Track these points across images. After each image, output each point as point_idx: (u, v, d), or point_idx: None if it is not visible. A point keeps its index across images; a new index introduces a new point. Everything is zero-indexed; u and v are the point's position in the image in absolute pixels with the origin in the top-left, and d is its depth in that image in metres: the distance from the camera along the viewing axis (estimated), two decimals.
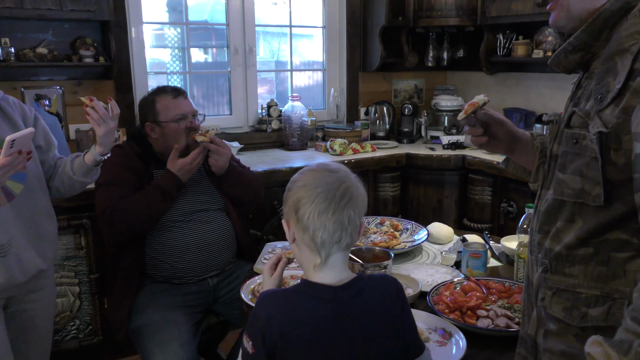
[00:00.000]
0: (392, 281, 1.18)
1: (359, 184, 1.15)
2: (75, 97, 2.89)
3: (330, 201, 1.07)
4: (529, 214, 1.80)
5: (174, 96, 2.10)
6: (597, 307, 0.99)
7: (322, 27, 3.72)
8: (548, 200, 1.08)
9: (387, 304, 1.14)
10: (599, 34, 1.00)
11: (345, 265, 1.15)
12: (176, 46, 3.35)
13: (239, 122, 3.48)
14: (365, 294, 1.13)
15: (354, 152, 3.24)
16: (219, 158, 2.08)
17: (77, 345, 2.53)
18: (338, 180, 1.10)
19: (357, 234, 1.14)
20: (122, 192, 2.00)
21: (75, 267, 2.47)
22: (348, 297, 1.11)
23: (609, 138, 0.93)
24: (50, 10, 2.50)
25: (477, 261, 1.80)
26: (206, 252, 2.10)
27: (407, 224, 2.25)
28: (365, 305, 1.12)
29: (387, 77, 3.89)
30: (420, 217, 3.21)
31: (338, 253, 1.12)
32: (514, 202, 2.95)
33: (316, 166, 1.16)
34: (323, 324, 1.08)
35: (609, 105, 0.94)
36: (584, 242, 1.00)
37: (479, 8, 3.36)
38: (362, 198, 1.13)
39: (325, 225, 1.07)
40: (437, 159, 3.23)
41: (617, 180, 0.94)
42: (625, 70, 0.92)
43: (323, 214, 1.07)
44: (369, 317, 1.12)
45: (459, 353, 1.33)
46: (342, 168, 1.16)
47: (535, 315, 1.13)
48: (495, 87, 3.73)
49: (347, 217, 1.08)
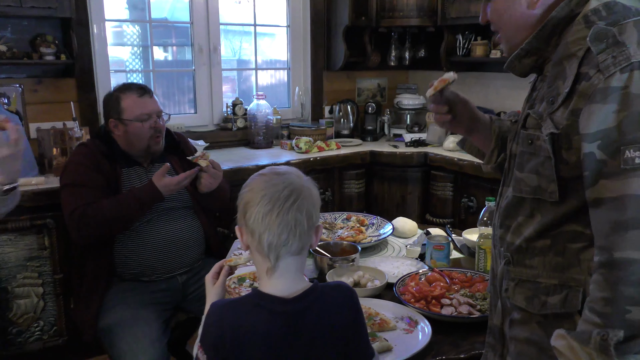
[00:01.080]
0: (346, 290, 1.15)
1: (311, 185, 1.12)
2: (36, 95, 2.84)
3: (275, 203, 1.05)
4: (488, 207, 1.88)
5: (139, 94, 2.08)
6: (555, 295, 1.05)
7: (286, 26, 3.75)
8: (508, 197, 1.15)
9: (340, 316, 1.11)
10: (549, 39, 1.07)
11: (298, 273, 1.11)
12: (136, 44, 3.32)
13: (204, 121, 3.47)
14: (318, 306, 1.10)
15: (319, 150, 3.28)
16: (213, 181, 2.12)
17: (41, 346, 2.48)
18: (283, 182, 1.08)
19: (309, 237, 1.10)
20: (90, 195, 1.97)
21: (39, 267, 2.43)
22: (300, 309, 1.08)
23: (560, 138, 1.01)
24: (10, 7, 2.44)
25: (441, 253, 1.87)
26: (175, 250, 2.11)
27: (373, 219, 2.31)
28: (318, 317, 1.09)
29: (350, 76, 3.95)
30: (385, 212, 3.27)
31: (289, 258, 1.08)
32: (474, 197, 3.05)
33: (265, 170, 1.14)
34: (274, 337, 1.06)
35: (559, 108, 1.01)
36: (541, 235, 1.08)
37: (439, 9, 3.45)
38: (312, 200, 1.10)
39: (269, 228, 1.05)
40: (400, 156, 3.31)
41: (569, 177, 1.01)
42: (572, 74, 0.98)
43: (267, 216, 1.05)
44: (322, 330, 1.09)
45: (425, 339, 1.39)
46: (291, 170, 1.13)
47: (500, 306, 1.20)
48: (455, 86, 3.82)
49: (292, 218, 1.05)
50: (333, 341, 1.10)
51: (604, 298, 0.91)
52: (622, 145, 0.90)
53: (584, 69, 0.97)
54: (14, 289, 2.39)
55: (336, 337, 1.10)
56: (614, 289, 0.90)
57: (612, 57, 0.92)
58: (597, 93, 0.93)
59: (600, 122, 0.92)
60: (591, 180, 0.94)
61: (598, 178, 0.93)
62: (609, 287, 0.91)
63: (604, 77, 0.93)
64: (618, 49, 0.92)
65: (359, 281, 1.71)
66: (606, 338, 0.87)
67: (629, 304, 0.88)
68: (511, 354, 1.16)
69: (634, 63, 0.91)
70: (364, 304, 1.55)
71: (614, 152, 0.91)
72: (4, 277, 2.37)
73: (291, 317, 1.07)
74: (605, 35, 0.94)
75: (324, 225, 2.26)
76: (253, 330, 1.06)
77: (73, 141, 2.63)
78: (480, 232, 1.85)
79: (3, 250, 2.35)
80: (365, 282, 1.70)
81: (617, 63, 0.92)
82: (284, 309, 1.07)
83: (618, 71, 0.91)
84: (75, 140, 2.63)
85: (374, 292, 1.65)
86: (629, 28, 0.94)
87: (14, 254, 2.37)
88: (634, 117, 0.90)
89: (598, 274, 0.93)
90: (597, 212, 0.94)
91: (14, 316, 2.41)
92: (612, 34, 0.94)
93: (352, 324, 1.13)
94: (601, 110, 0.92)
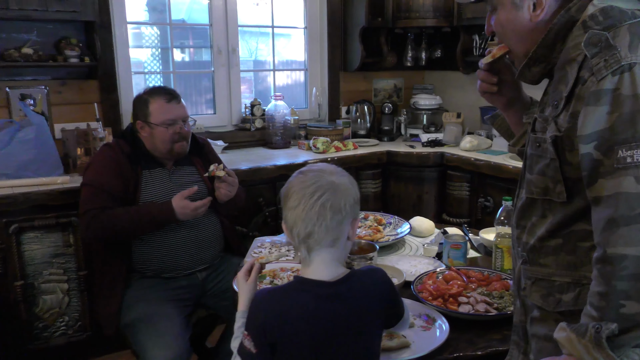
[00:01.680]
0: (378, 270, 1.27)
1: (345, 181, 1.20)
2: (60, 96, 2.92)
3: (301, 199, 1.14)
4: (505, 206, 1.89)
5: (167, 100, 2.14)
6: (569, 292, 1.09)
7: (303, 27, 3.79)
8: (522, 199, 1.19)
9: (380, 288, 1.22)
10: (553, 45, 1.10)
11: (334, 262, 1.18)
12: (154, 46, 3.38)
13: (223, 121, 3.53)
14: (360, 285, 1.19)
15: (336, 150, 3.31)
16: (232, 189, 2.17)
17: (66, 341, 2.55)
18: (312, 179, 1.17)
19: (339, 230, 1.16)
20: (106, 199, 2.04)
21: (64, 264, 2.50)
22: (344, 290, 1.16)
23: (563, 141, 1.04)
24: (36, 10, 2.51)
25: (458, 252, 1.89)
26: (195, 247, 2.16)
27: (390, 218, 2.34)
28: (362, 293, 1.18)
29: (367, 76, 3.98)
30: (401, 212, 3.27)
31: (322, 250, 1.16)
32: (491, 197, 3.06)
33: (304, 168, 1.24)
34: (321, 318, 1.14)
35: (562, 111, 1.04)
36: (553, 235, 1.11)
37: (455, 9, 3.46)
38: (341, 195, 1.16)
39: (296, 222, 1.15)
40: (417, 156, 3.33)
41: (575, 177, 1.04)
42: (572, 78, 1.02)
43: (295, 210, 1.15)
44: (368, 303, 1.18)
45: (442, 336, 1.42)
46: (324, 168, 1.22)
47: (519, 304, 1.23)
48: (471, 86, 3.84)
49: (315, 213, 1.13)
50: (377, 311, 1.21)
51: (599, 292, 0.95)
52: (615, 145, 0.93)
53: (582, 73, 1.00)
54: (40, 284, 2.47)
55: (379, 307, 1.21)
56: (608, 284, 0.93)
57: (604, 61, 0.95)
58: (591, 96, 0.96)
59: (594, 124, 0.95)
60: (590, 180, 0.98)
61: (596, 177, 0.96)
62: (603, 282, 0.94)
63: (596, 80, 0.96)
64: (609, 52, 0.95)
65: None
66: (599, 331, 0.91)
67: (622, 299, 0.92)
68: (533, 351, 1.19)
69: (624, 65, 0.93)
70: None
71: (609, 151, 0.94)
72: (31, 273, 2.44)
73: (336, 297, 1.16)
74: (599, 40, 0.97)
75: None
76: (299, 313, 1.14)
77: (96, 141, 2.70)
78: (498, 232, 1.86)
79: (30, 247, 2.42)
80: None
81: (608, 66, 0.95)
82: (328, 292, 1.16)
83: (610, 74, 0.94)
84: (99, 140, 2.69)
85: None
86: (623, 32, 0.97)
87: (40, 250, 2.45)
88: (625, 118, 0.93)
89: (595, 269, 0.97)
90: (596, 209, 0.98)
91: (40, 311, 2.48)
92: (605, 38, 0.97)
93: (391, 292, 1.25)
94: (595, 112, 0.95)
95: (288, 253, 1.99)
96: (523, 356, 1.24)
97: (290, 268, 1.85)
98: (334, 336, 1.15)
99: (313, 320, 1.14)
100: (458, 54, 3.56)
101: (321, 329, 1.14)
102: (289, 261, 1.94)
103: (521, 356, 1.25)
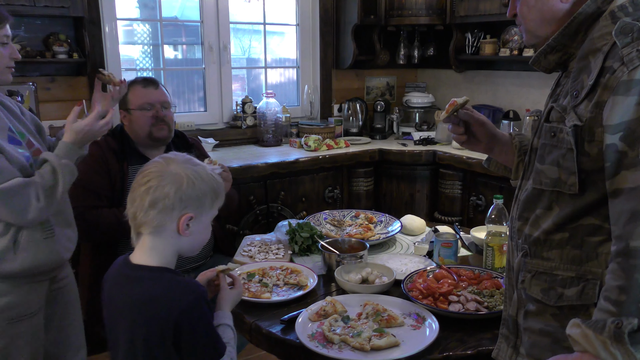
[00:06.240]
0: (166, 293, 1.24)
1: (179, 171, 1.20)
2: (48, 93, 2.88)
3: (135, 180, 1.22)
4: (496, 204, 1.88)
5: (143, 85, 2.17)
6: (572, 287, 1.07)
7: (295, 24, 3.77)
8: (528, 190, 1.17)
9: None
10: (575, 35, 1.09)
11: (153, 251, 1.28)
12: (146, 42, 3.35)
13: (214, 119, 3.50)
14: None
15: (328, 148, 3.30)
16: (227, 184, 2.14)
17: None
18: (147, 167, 1.22)
19: (156, 219, 1.21)
20: (92, 198, 2.03)
21: None
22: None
23: (583, 131, 1.02)
24: (23, 6, 2.49)
25: (448, 250, 1.88)
26: None
27: (381, 216, 2.32)
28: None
29: (359, 74, 3.96)
30: (393, 211, 3.28)
31: (143, 235, 1.27)
32: (483, 195, 3.06)
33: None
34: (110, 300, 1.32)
35: (583, 101, 1.03)
36: (560, 228, 1.09)
37: (448, 7, 3.46)
38: (168, 187, 1.19)
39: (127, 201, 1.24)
40: (409, 154, 3.32)
41: (590, 169, 1.03)
42: (597, 68, 1.00)
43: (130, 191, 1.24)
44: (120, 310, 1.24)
45: (432, 335, 1.41)
46: (162, 159, 1.24)
47: (515, 297, 1.21)
48: (464, 84, 3.84)
49: (139, 195, 1.20)
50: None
51: (619, 286, 0.92)
52: None
53: (609, 63, 0.99)
54: None
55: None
56: (630, 278, 0.91)
57: (636, 51, 0.94)
58: (620, 85, 0.95)
59: (622, 114, 0.94)
60: (612, 171, 0.96)
61: (619, 169, 0.95)
62: (624, 276, 0.92)
63: (627, 70, 0.95)
64: None
65: (367, 278, 1.72)
66: (620, 326, 0.88)
67: None
68: (525, 344, 1.18)
69: None
70: (372, 300, 1.57)
71: (635, 143, 0.93)
72: None
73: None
74: (631, 30, 0.96)
75: (332, 222, 2.28)
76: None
77: None
78: (488, 230, 1.85)
79: None
80: (374, 278, 1.71)
81: None
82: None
83: None
84: None
85: (382, 288, 1.67)
86: None
87: None
88: None
89: (614, 262, 0.94)
90: (616, 202, 0.96)
91: None
92: (638, 28, 0.96)
93: None
94: (624, 103, 0.94)
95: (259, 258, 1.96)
96: (512, 350, 1.23)
97: (280, 266, 1.83)
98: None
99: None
100: (451, 52, 3.56)
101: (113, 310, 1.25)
102: (279, 259, 1.92)
103: (510, 350, 1.24)
